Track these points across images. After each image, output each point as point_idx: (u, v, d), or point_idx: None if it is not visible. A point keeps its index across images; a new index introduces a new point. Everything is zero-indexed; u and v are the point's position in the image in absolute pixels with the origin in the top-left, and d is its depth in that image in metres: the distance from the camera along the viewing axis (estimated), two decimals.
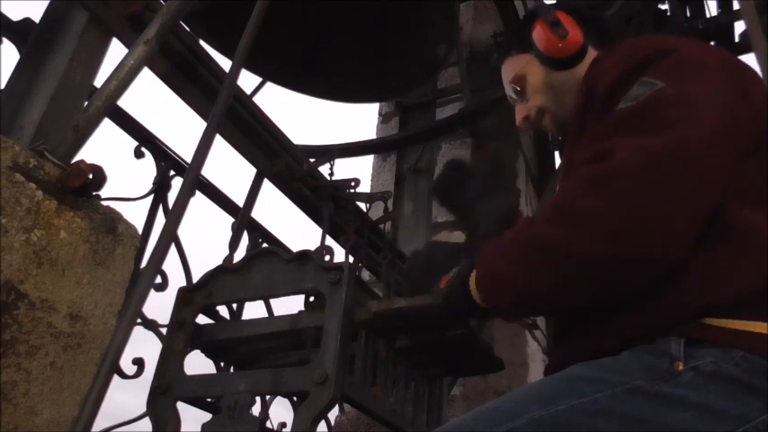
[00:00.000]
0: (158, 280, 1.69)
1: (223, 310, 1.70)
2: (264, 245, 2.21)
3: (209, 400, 1.56)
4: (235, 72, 1.50)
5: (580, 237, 0.83)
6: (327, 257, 1.52)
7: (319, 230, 1.94)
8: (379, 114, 4.67)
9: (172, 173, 1.95)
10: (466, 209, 1.24)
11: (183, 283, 1.87)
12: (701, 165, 0.83)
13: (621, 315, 0.90)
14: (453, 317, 1.12)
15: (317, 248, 1.56)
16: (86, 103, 1.32)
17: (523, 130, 1.27)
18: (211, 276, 1.60)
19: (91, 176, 1.17)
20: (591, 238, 0.83)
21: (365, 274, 2.73)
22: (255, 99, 3.05)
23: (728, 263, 0.86)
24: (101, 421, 1.32)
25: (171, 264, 1.61)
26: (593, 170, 0.85)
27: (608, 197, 0.82)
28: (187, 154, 1.89)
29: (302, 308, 1.55)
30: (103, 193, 1.24)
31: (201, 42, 1.92)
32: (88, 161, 1.19)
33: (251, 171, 2.02)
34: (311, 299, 1.54)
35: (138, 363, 1.61)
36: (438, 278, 1.10)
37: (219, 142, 1.75)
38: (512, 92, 1.26)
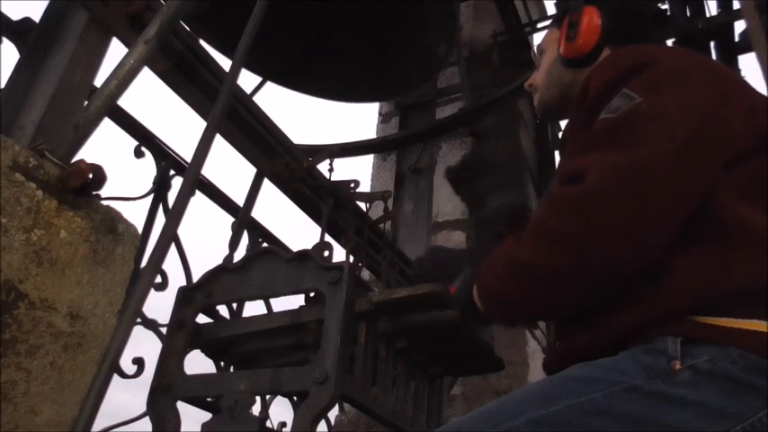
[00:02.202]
0: (158, 280, 1.70)
1: (223, 310, 1.70)
2: (264, 244, 2.21)
3: (209, 399, 1.55)
4: (235, 72, 1.50)
5: (551, 257, 0.90)
6: (326, 253, 1.52)
7: (319, 230, 1.94)
8: (379, 114, 4.68)
9: (172, 172, 1.95)
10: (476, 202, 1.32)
11: (183, 282, 1.87)
12: (668, 181, 0.87)
13: (617, 313, 0.91)
14: (466, 321, 1.22)
15: (316, 244, 1.56)
16: (86, 102, 1.32)
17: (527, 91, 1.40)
18: (211, 276, 1.60)
19: (91, 176, 1.17)
20: (561, 257, 0.90)
21: (365, 274, 2.73)
22: (255, 99, 3.05)
23: (726, 261, 0.86)
24: (101, 421, 1.32)
25: (171, 263, 1.61)
26: (567, 192, 0.92)
27: (578, 219, 0.89)
28: (187, 153, 1.89)
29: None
30: (103, 192, 1.24)
31: (201, 42, 1.92)
32: (88, 161, 1.19)
33: (251, 171, 2.02)
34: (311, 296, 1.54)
35: (138, 362, 1.61)
36: (445, 286, 1.18)
37: (219, 142, 1.75)
38: (536, 57, 1.38)
